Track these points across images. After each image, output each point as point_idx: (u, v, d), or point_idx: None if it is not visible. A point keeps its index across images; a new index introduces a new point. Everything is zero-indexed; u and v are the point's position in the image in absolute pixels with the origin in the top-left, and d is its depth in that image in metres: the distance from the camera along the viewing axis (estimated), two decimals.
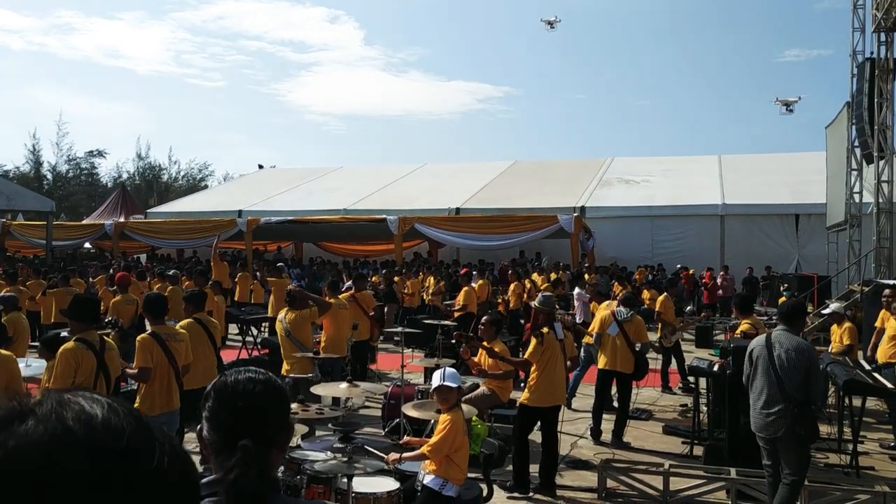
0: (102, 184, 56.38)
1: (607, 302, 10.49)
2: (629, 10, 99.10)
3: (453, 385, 5.05)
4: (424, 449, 4.95)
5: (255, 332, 14.96)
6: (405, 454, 5.13)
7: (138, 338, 6.30)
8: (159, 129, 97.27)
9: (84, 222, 33.42)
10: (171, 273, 14.79)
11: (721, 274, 22.48)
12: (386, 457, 5.13)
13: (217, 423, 1.74)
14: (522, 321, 15.10)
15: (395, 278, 18.40)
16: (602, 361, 9.09)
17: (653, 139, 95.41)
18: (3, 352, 5.06)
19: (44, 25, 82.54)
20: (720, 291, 21.83)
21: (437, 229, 23.08)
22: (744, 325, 8.91)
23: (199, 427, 1.79)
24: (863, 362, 9.45)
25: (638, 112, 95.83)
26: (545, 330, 6.97)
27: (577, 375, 10.11)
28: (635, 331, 9.14)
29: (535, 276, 19.13)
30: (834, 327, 10.39)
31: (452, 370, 5.18)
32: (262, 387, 1.77)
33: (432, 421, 5.47)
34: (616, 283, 18.16)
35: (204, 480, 1.67)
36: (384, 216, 23.41)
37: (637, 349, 9.10)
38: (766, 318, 14.94)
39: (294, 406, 5.43)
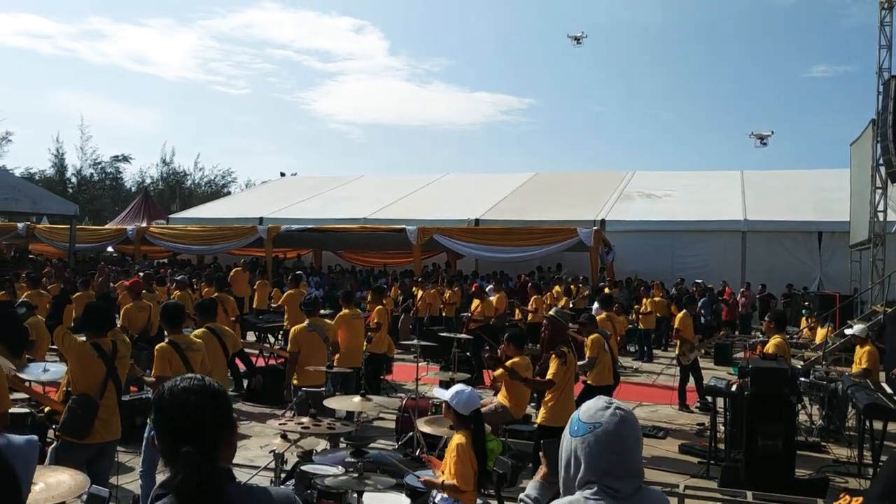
0: (126, 188, 57.02)
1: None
2: (655, 24, 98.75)
3: (460, 411, 4.97)
4: (457, 484, 4.89)
5: (272, 339, 15.02)
6: (447, 483, 5.02)
7: (157, 346, 6.33)
8: (184, 134, 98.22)
9: (107, 226, 33.78)
10: (178, 278, 14.85)
11: (742, 290, 22.28)
12: (421, 478, 5.07)
13: (161, 433, 1.91)
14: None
15: (414, 288, 18.40)
16: (596, 378, 9.00)
17: (674, 153, 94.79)
18: None
19: (74, 31, 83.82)
20: (741, 309, 21.63)
21: (456, 240, 23.08)
22: (774, 341, 8.74)
23: (151, 435, 1.97)
24: (885, 385, 9.30)
25: (660, 126, 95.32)
26: (565, 349, 6.91)
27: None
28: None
29: (556, 288, 19.02)
30: (857, 348, 10.25)
31: (470, 394, 5.03)
32: (197, 396, 1.91)
33: (445, 437, 5.44)
34: (645, 300, 17.96)
35: (161, 481, 1.89)
36: (403, 226, 23.45)
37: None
38: (787, 336, 14.76)
39: (305, 420, 5.42)
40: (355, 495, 4.65)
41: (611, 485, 1.96)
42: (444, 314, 17.83)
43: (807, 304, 19.35)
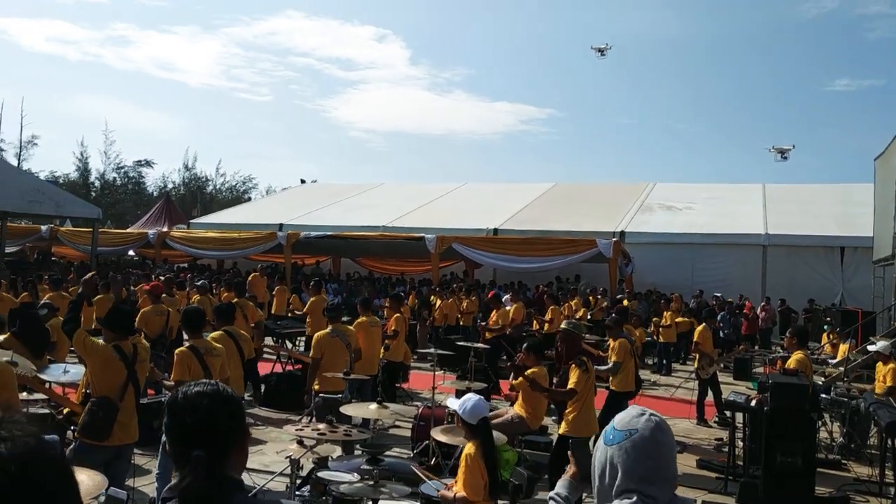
0: (148, 193, 57.58)
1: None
2: (678, 36, 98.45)
3: (467, 420, 4.97)
4: (466, 495, 4.86)
5: (290, 345, 15.04)
6: (458, 496, 5.01)
7: (177, 351, 6.37)
8: (206, 140, 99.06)
9: (129, 230, 34.10)
10: (199, 284, 14.95)
11: (762, 305, 22.08)
12: (439, 494, 5.06)
13: (172, 437, 1.91)
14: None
15: (432, 297, 18.39)
16: (621, 384, 9.26)
17: (696, 166, 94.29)
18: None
19: (100, 37, 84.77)
20: (761, 323, 21.42)
21: (475, 250, 23.04)
22: (796, 356, 8.62)
23: (163, 440, 1.95)
24: None
25: (682, 138, 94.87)
26: (585, 358, 6.88)
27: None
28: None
29: (576, 300, 18.92)
30: (879, 365, 10.12)
31: (476, 402, 5.04)
32: (209, 400, 1.90)
33: (460, 447, 5.42)
34: (665, 313, 17.72)
35: (169, 485, 1.89)
36: (422, 235, 23.45)
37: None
38: (809, 352, 14.58)
39: (322, 426, 5.43)
40: (370, 503, 4.64)
41: (647, 491, 1.96)
42: (461, 323, 17.82)
43: (828, 319, 19.13)
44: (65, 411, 7.05)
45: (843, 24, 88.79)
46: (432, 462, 7.75)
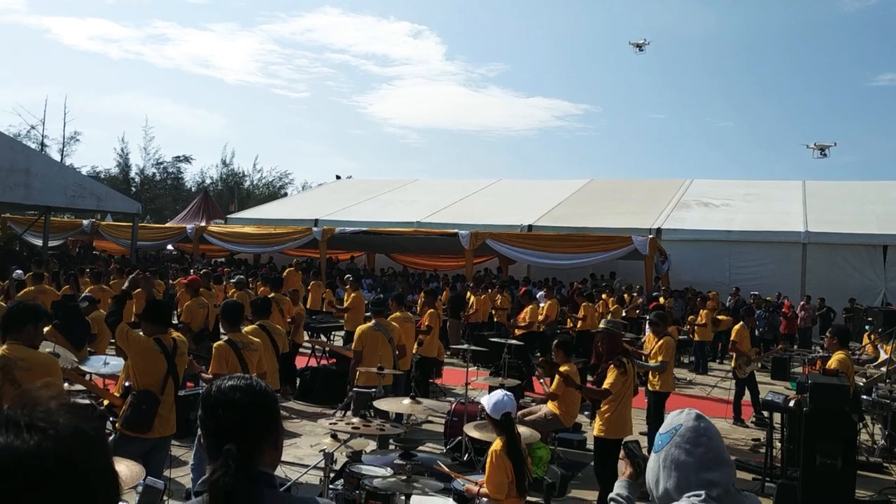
0: (187, 188, 58.40)
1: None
2: (715, 31, 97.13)
3: (491, 415, 4.97)
4: (491, 494, 4.85)
5: (324, 340, 15.16)
6: (482, 490, 5.02)
7: (215, 345, 6.43)
8: (244, 136, 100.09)
9: (167, 225, 34.64)
10: (235, 279, 15.09)
11: (801, 304, 21.69)
12: (465, 487, 5.07)
13: (206, 430, 1.92)
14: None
15: (468, 294, 18.39)
16: (664, 384, 9.07)
17: (734, 162, 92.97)
18: (43, 354, 5.00)
19: (141, 35, 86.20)
20: (800, 322, 21.04)
21: (509, 246, 22.99)
22: (837, 356, 8.40)
23: (198, 433, 1.94)
24: None
25: (720, 133, 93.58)
26: (625, 359, 6.79)
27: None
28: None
29: (611, 300, 18.74)
30: None
31: (500, 398, 5.02)
32: (242, 394, 1.91)
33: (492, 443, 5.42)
34: (702, 311, 17.44)
35: (202, 479, 1.88)
36: (456, 231, 23.44)
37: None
38: (850, 353, 14.27)
39: (355, 420, 5.46)
40: (403, 497, 4.66)
41: (706, 477, 2.00)
42: (495, 320, 17.79)
43: (870, 319, 18.72)
44: (105, 402, 7.18)
45: (886, 19, 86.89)
46: (465, 458, 7.76)
